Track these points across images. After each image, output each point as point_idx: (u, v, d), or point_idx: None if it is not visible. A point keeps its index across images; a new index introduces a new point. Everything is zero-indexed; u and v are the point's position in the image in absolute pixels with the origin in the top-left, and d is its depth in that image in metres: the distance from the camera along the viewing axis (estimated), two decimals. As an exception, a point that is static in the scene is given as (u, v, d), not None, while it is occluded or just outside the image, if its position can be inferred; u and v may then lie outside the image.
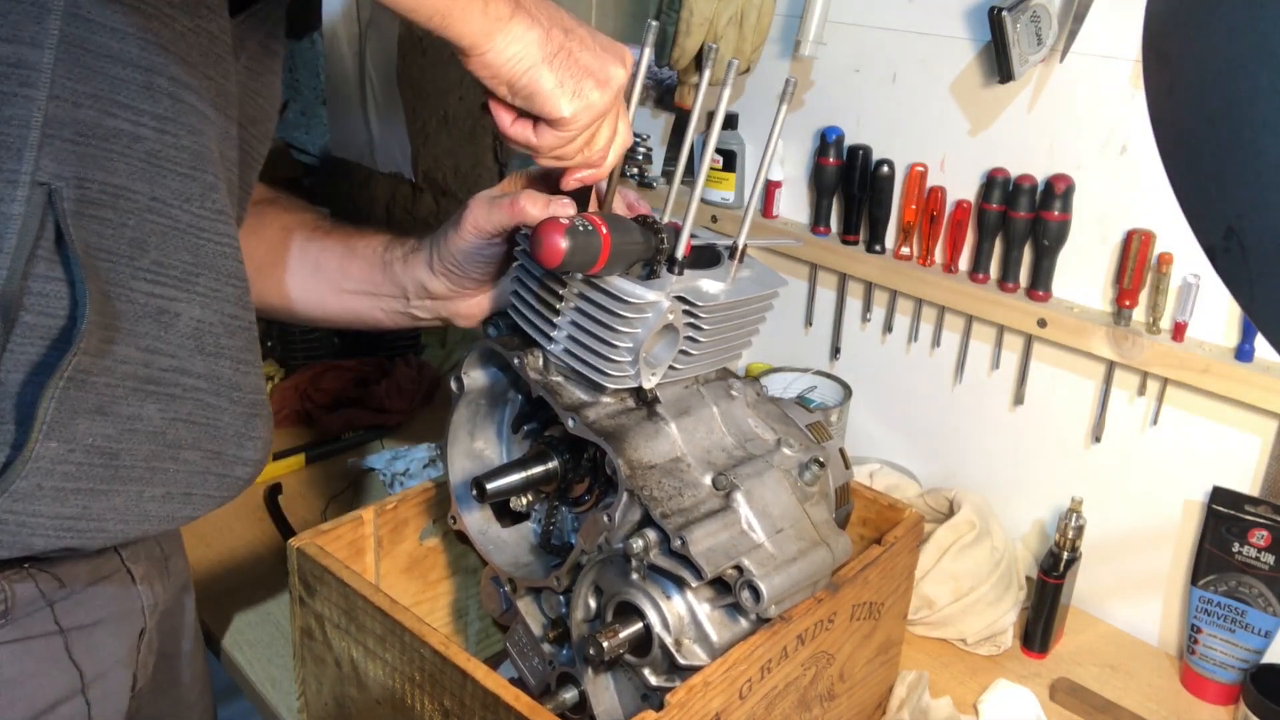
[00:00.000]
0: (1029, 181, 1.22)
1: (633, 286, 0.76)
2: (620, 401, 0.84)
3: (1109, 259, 1.20)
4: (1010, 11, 1.12)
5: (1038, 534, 1.34)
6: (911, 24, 1.31)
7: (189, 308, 0.73)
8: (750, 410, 0.89)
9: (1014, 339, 1.30)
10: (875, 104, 1.37)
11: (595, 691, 0.84)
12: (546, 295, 0.81)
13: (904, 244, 1.36)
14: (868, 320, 1.44)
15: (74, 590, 0.76)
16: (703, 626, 0.79)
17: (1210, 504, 1.13)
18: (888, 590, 0.96)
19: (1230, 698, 1.13)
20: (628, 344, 0.78)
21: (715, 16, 1.31)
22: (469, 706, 0.78)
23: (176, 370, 0.73)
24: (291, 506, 1.42)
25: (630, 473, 0.78)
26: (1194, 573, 1.15)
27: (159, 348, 0.72)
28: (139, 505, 0.73)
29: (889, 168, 1.35)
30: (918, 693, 1.07)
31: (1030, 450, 1.32)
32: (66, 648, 0.76)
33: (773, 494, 0.82)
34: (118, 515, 0.72)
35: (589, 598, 0.84)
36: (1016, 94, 1.23)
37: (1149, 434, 1.21)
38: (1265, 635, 1.11)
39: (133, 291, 0.69)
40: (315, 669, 0.95)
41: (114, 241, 0.68)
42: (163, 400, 0.73)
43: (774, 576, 0.77)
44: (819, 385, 1.42)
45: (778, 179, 1.48)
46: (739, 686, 0.78)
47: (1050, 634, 1.20)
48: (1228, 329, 1.13)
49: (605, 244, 0.72)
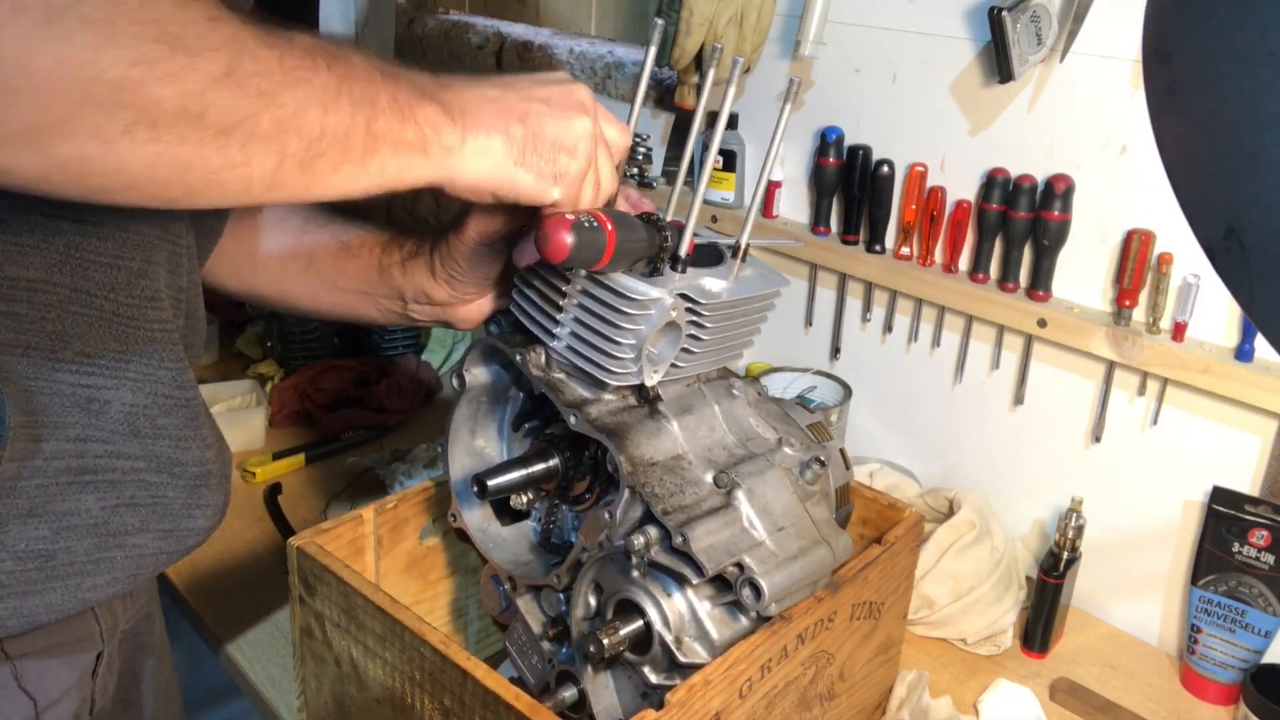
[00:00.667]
0: (1029, 181, 1.22)
1: (636, 283, 0.76)
2: (622, 399, 0.84)
3: (1109, 259, 1.20)
4: (1010, 11, 1.12)
5: (1038, 534, 1.34)
6: (911, 24, 1.31)
7: (119, 394, 0.69)
8: (751, 409, 0.89)
9: (1014, 339, 1.30)
10: (875, 104, 1.37)
11: (595, 690, 0.84)
12: (549, 292, 0.81)
13: (904, 244, 1.36)
14: (868, 320, 1.44)
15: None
16: (703, 624, 0.79)
17: (1210, 504, 1.14)
18: (888, 590, 0.96)
19: (1230, 698, 1.13)
20: (630, 341, 0.78)
21: (715, 16, 1.32)
22: (469, 705, 0.78)
23: (112, 455, 0.69)
24: (291, 506, 1.42)
25: (632, 470, 0.78)
26: (1194, 573, 1.16)
27: (91, 435, 0.68)
28: (78, 594, 0.69)
29: (889, 168, 1.35)
30: (918, 692, 1.07)
31: (1030, 450, 1.33)
32: (16, 677, 0.72)
33: (774, 492, 0.82)
34: (53, 608, 0.68)
35: (589, 595, 0.84)
36: (1016, 94, 1.23)
37: (1149, 434, 1.21)
38: (1265, 635, 1.11)
39: (57, 384, 0.66)
40: (315, 668, 0.95)
41: (33, 335, 0.64)
42: (101, 489, 0.69)
43: (775, 574, 0.77)
44: (819, 385, 1.42)
45: (778, 179, 1.48)
46: (739, 685, 0.78)
47: (1050, 634, 1.20)
48: (1228, 329, 1.14)
49: (610, 240, 0.72)
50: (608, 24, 1.87)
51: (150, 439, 0.72)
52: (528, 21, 2.03)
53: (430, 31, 2.11)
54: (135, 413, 0.71)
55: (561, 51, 1.83)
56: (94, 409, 0.68)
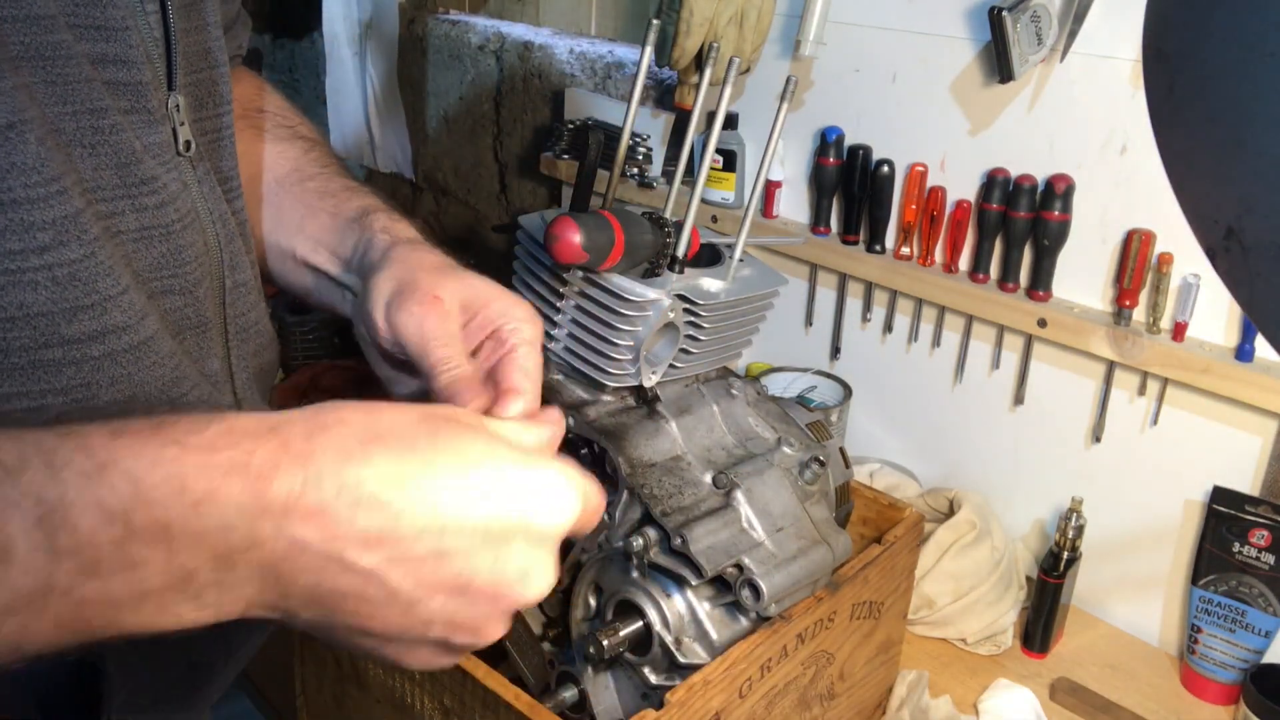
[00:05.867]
0: (1029, 181, 1.22)
1: (634, 285, 0.76)
2: (621, 400, 0.84)
3: (1109, 259, 1.20)
4: (1010, 11, 1.12)
5: (1038, 534, 1.34)
6: (911, 24, 1.31)
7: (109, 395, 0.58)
8: (751, 409, 0.89)
9: (1014, 339, 1.30)
10: (875, 104, 1.37)
11: (595, 690, 0.84)
12: (546, 293, 0.81)
13: (904, 244, 1.36)
14: (868, 320, 1.44)
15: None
16: (703, 625, 0.79)
17: (1210, 504, 1.13)
18: (888, 590, 0.96)
19: (1230, 698, 1.13)
20: (628, 342, 0.78)
21: (715, 16, 1.31)
22: (469, 705, 0.78)
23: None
24: (292, 506, 1.42)
25: (630, 471, 0.78)
26: (1194, 573, 1.15)
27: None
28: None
29: (889, 168, 1.35)
30: (918, 692, 1.07)
31: (1030, 450, 1.32)
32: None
33: (773, 492, 0.82)
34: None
35: (589, 596, 0.84)
36: (1016, 94, 1.23)
37: (1149, 434, 1.21)
38: (1265, 635, 1.11)
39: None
40: (315, 667, 0.95)
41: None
42: None
43: (774, 575, 0.77)
44: (819, 385, 1.42)
45: (778, 179, 1.48)
46: (739, 685, 0.78)
47: (1050, 634, 1.20)
48: (1228, 329, 1.13)
49: (619, 240, 0.73)
50: (608, 24, 1.87)
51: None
52: (528, 22, 2.03)
53: (430, 31, 2.11)
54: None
55: (561, 51, 1.83)
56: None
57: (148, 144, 0.60)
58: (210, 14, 0.68)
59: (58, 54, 0.53)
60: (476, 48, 2.01)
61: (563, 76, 1.83)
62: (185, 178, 0.64)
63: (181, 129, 0.63)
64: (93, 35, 0.56)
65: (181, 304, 0.63)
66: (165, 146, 0.61)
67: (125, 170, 0.58)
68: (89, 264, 0.55)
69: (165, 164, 0.61)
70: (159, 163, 0.61)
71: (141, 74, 0.59)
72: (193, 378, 0.64)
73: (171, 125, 0.62)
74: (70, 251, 0.54)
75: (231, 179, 0.70)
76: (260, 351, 0.74)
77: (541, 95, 1.90)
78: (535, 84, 1.90)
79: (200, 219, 0.65)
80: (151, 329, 0.59)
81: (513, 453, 0.48)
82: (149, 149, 0.60)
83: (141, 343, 0.59)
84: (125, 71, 0.58)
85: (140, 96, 0.59)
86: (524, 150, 1.98)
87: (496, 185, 2.09)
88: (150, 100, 0.60)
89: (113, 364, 0.57)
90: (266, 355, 0.76)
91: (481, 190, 2.13)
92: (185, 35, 0.64)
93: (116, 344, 0.57)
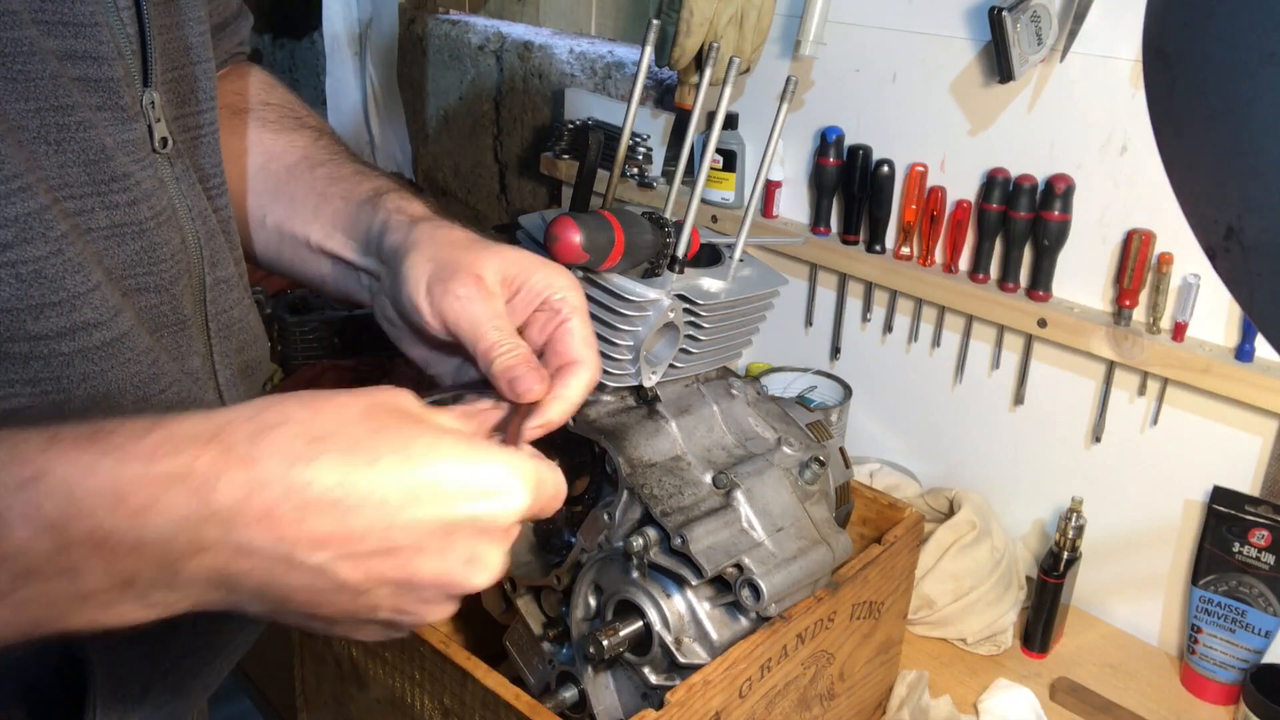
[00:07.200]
0: (1029, 181, 1.22)
1: (633, 284, 0.76)
2: (621, 400, 0.84)
3: (1109, 259, 1.20)
4: (1010, 11, 1.12)
5: (1038, 534, 1.34)
6: (911, 24, 1.31)
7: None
8: (751, 409, 0.89)
9: (1014, 339, 1.30)
10: (875, 104, 1.37)
11: (595, 690, 0.84)
12: (547, 294, 0.81)
13: (904, 244, 1.36)
14: (868, 320, 1.44)
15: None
16: (703, 625, 0.79)
17: (1210, 504, 1.13)
18: (888, 590, 0.96)
19: (1230, 698, 1.13)
20: (628, 342, 0.78)
21: (715, 16, 1.31)
22: (469, 705, 0.78)
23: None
24: (292, 506, 1.42)
25: (630, 471, 0.78)
26: (1194, 573, 1.15)
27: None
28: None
29: (889, 168, 1.35)
30: (918, 692, 1.07)
31: (1030, 450, 1.32)
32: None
33: (773, 492, 0.82)
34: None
35: (589, 596, 0.84)
36: (1016, 94, 1.23)
37: (1149, 434, 1.21)
38: (1265, 635, 1.11)
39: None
40: (315, 667, 0.95)
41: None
42: None
43: (774, 575, 0.77)
44: (819, 385, 1.42)
45: (778, 179, 1.48)
46: (739, 685, 0.78)
47: (1050, 634, 1.20)
48: (1228, 329, 1.13)
49: (619, 240, 0.73)
50: (608, 24, 1.87)
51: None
52: (528, 22, 2.03)
53: (430, 31, 2.11)
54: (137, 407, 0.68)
55: (561, 51, 1.83)
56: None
57: (120, 141, 0.59)
58: (190, 10, 0.67)
59: (19, 50, 0.53)
60: (476, 48, 2.01)
61: (563, 76, 1.83)
62: (161, 175, 0.63)
63: (158, 125, 0.62)
64: (61, 31, 0.55)
65: (158, 301, 0.63)
66: (140, 143, 0.61)
67: (94, 167, 0.57)
68: (55, 261, 0.55)
69: (139, 161, 0.60)
70: (132, 160, 0.60)
71: (113, 70, 0.58)
72: (171, 375, 0.63)
73: (146, 122, 0.61)
74: (35, 249, 0.54)
75: (213, 176, 0.69)
76: (245, 348, 0.73)
77: (541, 95, 1.90)
78: (535, 84, 1.90)
79: (177, 216, 0.64)
80: (125, 326, 0.59)
81: (458, 445, 0.48)
82: (121, 146, 0.59)
83: (115, 339, 0.58)
84: (95, 68, 0.57)
85: (111, 93, 0.58)
86: (524, 150, 1.98)
87: (496, 185, 2.09)
88: (123, 97, 0.59)
89: (84, 360, 0.57)
90: (252, 352, 0.75)
91: (481, 190, 2.13)
92: (163, 31, 0.63)
93: (88, 341, 0.57)
